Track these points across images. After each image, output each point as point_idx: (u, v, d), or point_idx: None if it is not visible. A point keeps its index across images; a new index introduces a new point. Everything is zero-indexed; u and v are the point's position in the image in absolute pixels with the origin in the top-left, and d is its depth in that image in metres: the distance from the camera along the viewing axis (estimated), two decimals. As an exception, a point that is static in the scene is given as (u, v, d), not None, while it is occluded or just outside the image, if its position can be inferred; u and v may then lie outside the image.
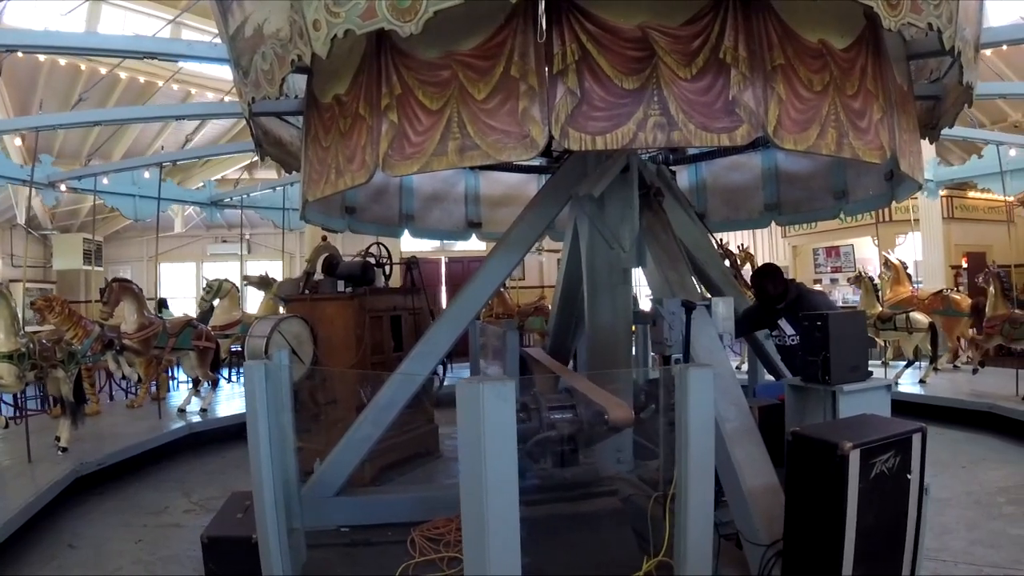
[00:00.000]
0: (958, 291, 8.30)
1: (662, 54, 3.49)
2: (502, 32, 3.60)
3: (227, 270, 12.61)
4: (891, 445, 2.72)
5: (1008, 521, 4.64)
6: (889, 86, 4.13)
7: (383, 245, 7.23)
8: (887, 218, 13.43)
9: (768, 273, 4.85)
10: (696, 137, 3.48)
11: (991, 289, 7.95)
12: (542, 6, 3.43)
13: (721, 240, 5.63)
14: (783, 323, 4.70)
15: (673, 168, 6.43)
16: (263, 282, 10.00)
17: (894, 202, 6.20)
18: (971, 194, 13.76)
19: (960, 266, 13.29)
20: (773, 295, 4.73)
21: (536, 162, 6.54)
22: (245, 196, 10.96)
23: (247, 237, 14.85)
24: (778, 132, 3.55)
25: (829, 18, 3.82)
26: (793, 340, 4.59)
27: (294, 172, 5.94)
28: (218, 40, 5.29)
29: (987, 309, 8.08)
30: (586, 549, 3.45)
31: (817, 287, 10.73)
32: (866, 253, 14.94)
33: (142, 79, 10.73)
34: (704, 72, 3.50)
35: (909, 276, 10.00)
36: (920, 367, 8.78)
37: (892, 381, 3.90)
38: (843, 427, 3.04)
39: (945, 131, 5.32)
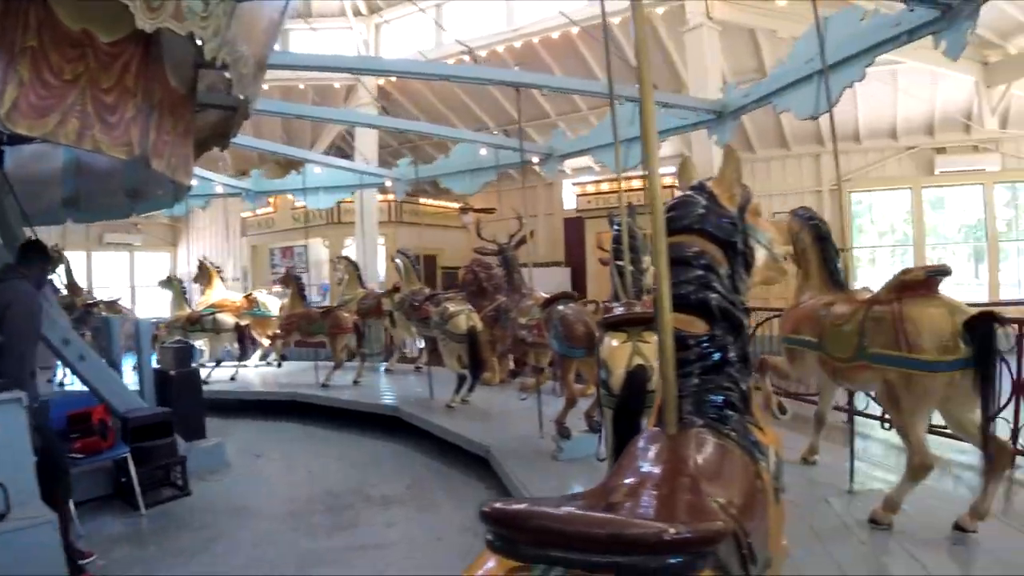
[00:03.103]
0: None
1: None
2: None
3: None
4: None
5: (311, 533, 4.35)
6: (155, 87, 4.26)
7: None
8: (337, 220, 13.99)
9: None
10: None
11: (290, 290, 8.64)
12: None
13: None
14: None
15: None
16: None
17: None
18: (422, 200, 15.23)
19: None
20: None
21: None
22: None
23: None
24: (12, 116, 3.38)
25: (100, 9, 3.69)
26: None
27: None
28: None
29: (286, 308, 8.69)
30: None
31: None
32: (320, 255, 15.41)
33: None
34: (-62, 45, 3.03)
35: (223, 281, 10.46)
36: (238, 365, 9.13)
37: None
38: None
39: (236, 140, 5.96)
